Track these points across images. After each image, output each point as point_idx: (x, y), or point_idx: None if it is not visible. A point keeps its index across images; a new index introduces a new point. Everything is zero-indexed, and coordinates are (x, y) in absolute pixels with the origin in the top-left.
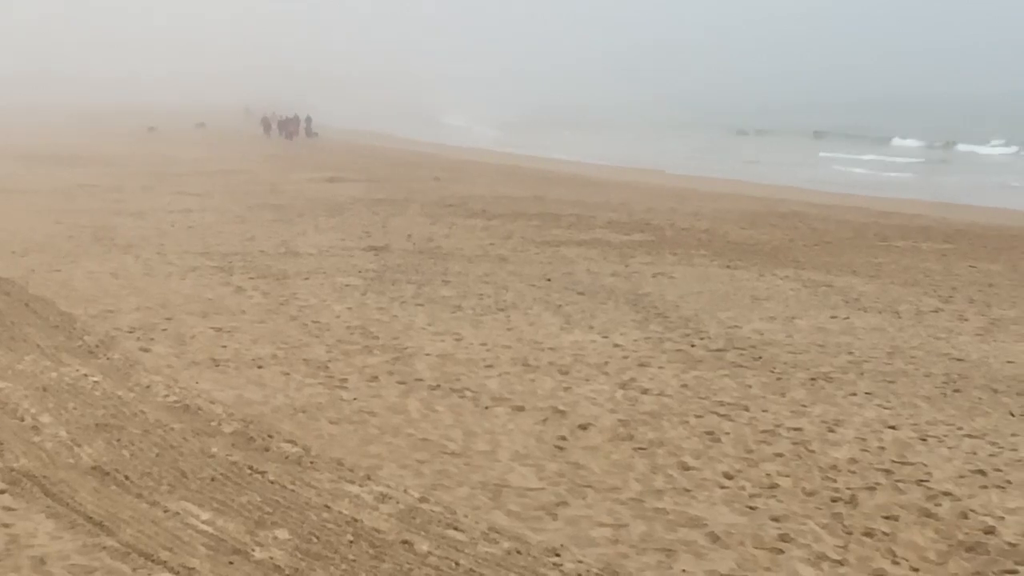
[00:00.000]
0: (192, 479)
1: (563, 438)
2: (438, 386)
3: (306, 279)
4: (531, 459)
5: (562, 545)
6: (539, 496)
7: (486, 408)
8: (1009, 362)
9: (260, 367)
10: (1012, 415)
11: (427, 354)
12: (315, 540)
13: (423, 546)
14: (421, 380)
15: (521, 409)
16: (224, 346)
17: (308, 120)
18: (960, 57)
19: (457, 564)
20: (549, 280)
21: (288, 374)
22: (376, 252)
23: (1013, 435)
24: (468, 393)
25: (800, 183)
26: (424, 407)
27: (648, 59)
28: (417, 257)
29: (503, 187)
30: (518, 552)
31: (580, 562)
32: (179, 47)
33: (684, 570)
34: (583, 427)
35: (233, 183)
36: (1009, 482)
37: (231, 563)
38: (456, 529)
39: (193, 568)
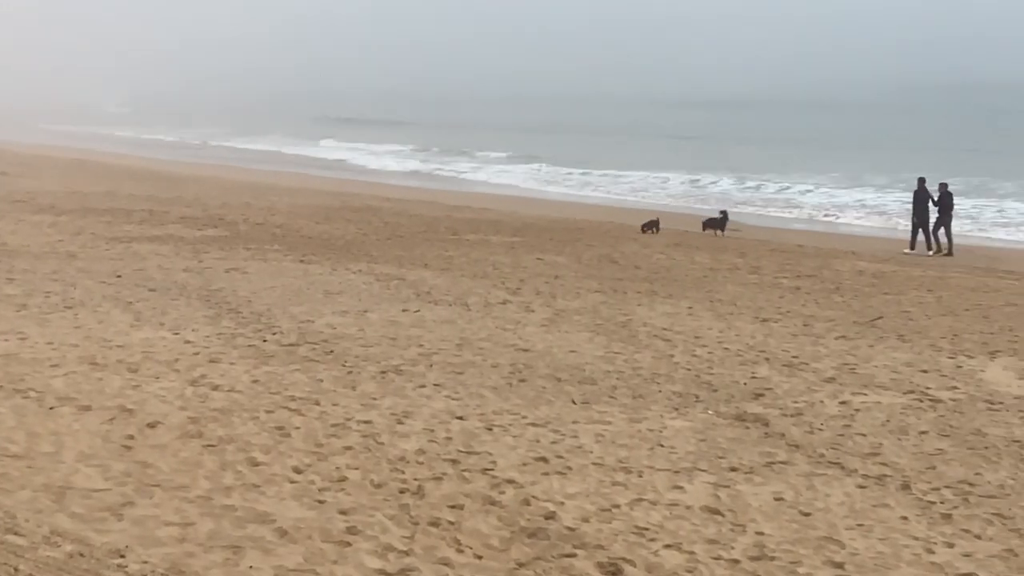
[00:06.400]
0: None
1: (131, 437)
2: (0, 387)
3: None
4: (97, 459)
5: (127, 546)
6: (105, 497)
7: (51, 408)
8: (572, 351)
9: None
10: (574, 403)
11: None
12: None
13: None
14: None
15: (88, 408)
16: None
17: None
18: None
19: (16, 570)
20: (119, 277)
21: None
22: None
23: (574, 422)
24: (32, 393)
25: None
26: None
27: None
28: None
29: (73, 182)
30: (81, 555)
31: (145, 563)
32: None
33: (251, 566)
34: (152, 425)
35: None
36: (570, 468)
37: None
38: (16, 534)
39: None
